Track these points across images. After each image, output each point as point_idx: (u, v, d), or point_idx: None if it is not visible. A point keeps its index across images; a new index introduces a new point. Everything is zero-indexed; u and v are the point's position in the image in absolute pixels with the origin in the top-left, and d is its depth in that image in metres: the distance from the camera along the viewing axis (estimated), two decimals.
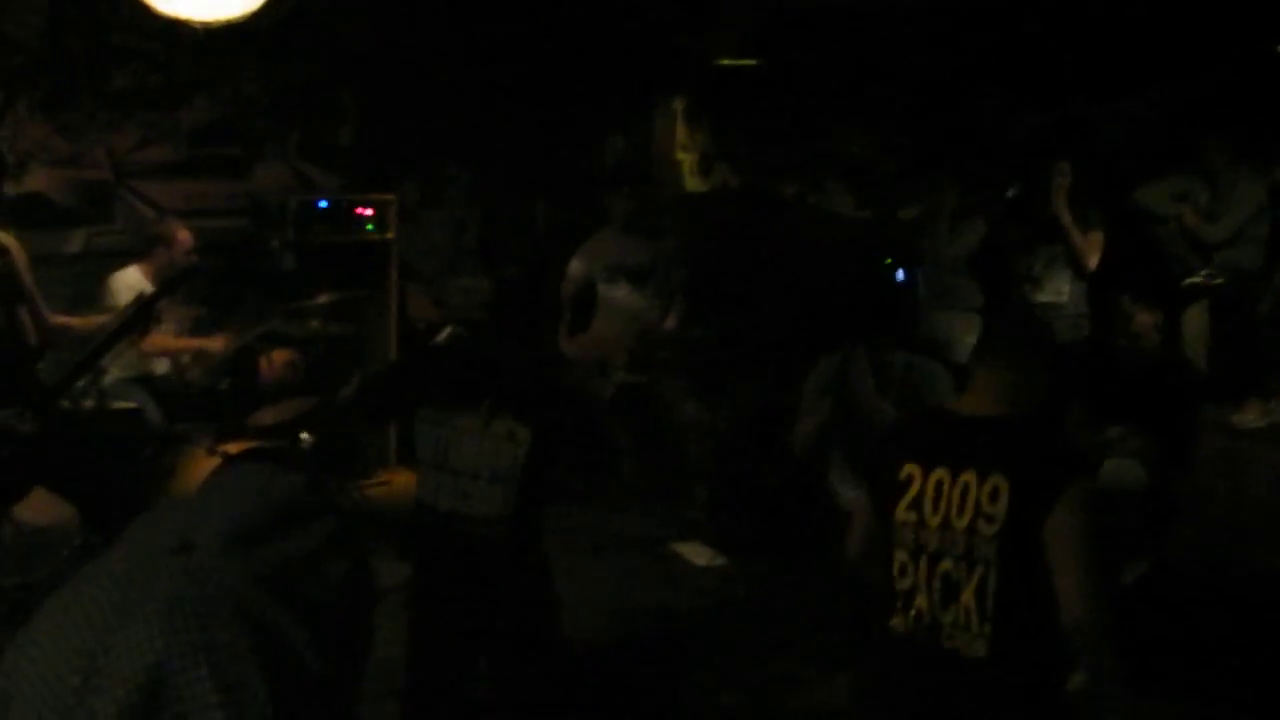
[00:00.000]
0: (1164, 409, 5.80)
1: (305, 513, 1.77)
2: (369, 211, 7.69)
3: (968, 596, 3.07)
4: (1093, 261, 7.22)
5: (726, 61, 8.95)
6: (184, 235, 6.54)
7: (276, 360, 6.54)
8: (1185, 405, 6.08)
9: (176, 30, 6.07)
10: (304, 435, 6.70)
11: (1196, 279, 7.94)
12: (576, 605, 6.29)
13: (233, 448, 5.92)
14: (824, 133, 9.58)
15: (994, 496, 3.06)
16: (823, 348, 5.80)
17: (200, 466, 5.85)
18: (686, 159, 10.03)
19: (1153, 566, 5.79)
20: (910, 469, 3.21)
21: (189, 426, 6.15)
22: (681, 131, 10.00)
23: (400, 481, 8.08)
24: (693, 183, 10.01)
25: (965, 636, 3.08)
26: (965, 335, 7.71)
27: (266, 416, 6.51)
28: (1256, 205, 7.80)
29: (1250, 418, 7.74)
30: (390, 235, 7.81)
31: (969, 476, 3.10)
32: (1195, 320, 7.99)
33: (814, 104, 9.43)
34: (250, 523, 1.66)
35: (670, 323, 7.59)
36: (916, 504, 3.18)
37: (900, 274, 8.40)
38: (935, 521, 3.14)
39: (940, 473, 3.16)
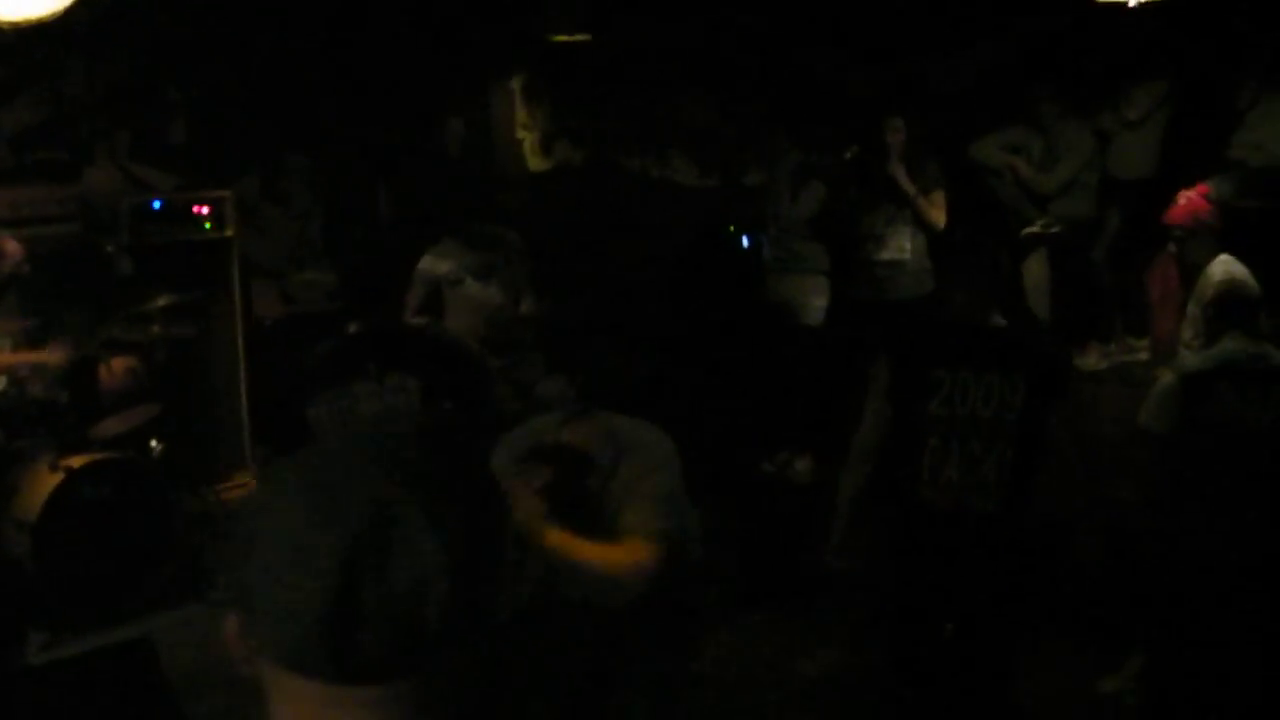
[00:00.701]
0: None
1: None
2: (205, 209, 7.52)
3: (988, 467, 4.14)
4: (940, 218, 7.34)
5: (561, 38, 8.93)
6: (12, 247, 6.31)
7: (117, 368, 6.43)
8: None
9: None
10: (153, 443, 6.60)
11: (1033, 229, 8.16)
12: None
13: (76, 461, 5.80)
14: (663, 104, 9.62)
15: (1014, 390, 4.12)
16: (674, 314, 5.86)
17: (44, 483, 5.72)
18: (527, 138, 10.01)
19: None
20: (939, 373, 4.19)
21: (29, 442, 6.02)
22: (521, 110, 9.97)
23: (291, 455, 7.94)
24: (535, 161, 10.00)
25: (981, 497, 4.17)
26: (811, 298, 7.83)
27: (111, 427, 6.40)
28: (1086, 154, 8.03)
29: (1091, 360, 7.98)
30: (229, 232, 7.64)
31: (992, 376, 4.14)
32: (1035, 269, 8.21)
33: (651, 76, 9.47)
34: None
35: (525, 308, 7.58)
36: (948, 400, 4.18)
37: (745, 240, 8.50)
38: (963, 412, 4.16)
39: (965, 373, 4.16)
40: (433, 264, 7.59)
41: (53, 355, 6.12)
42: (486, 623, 1.31)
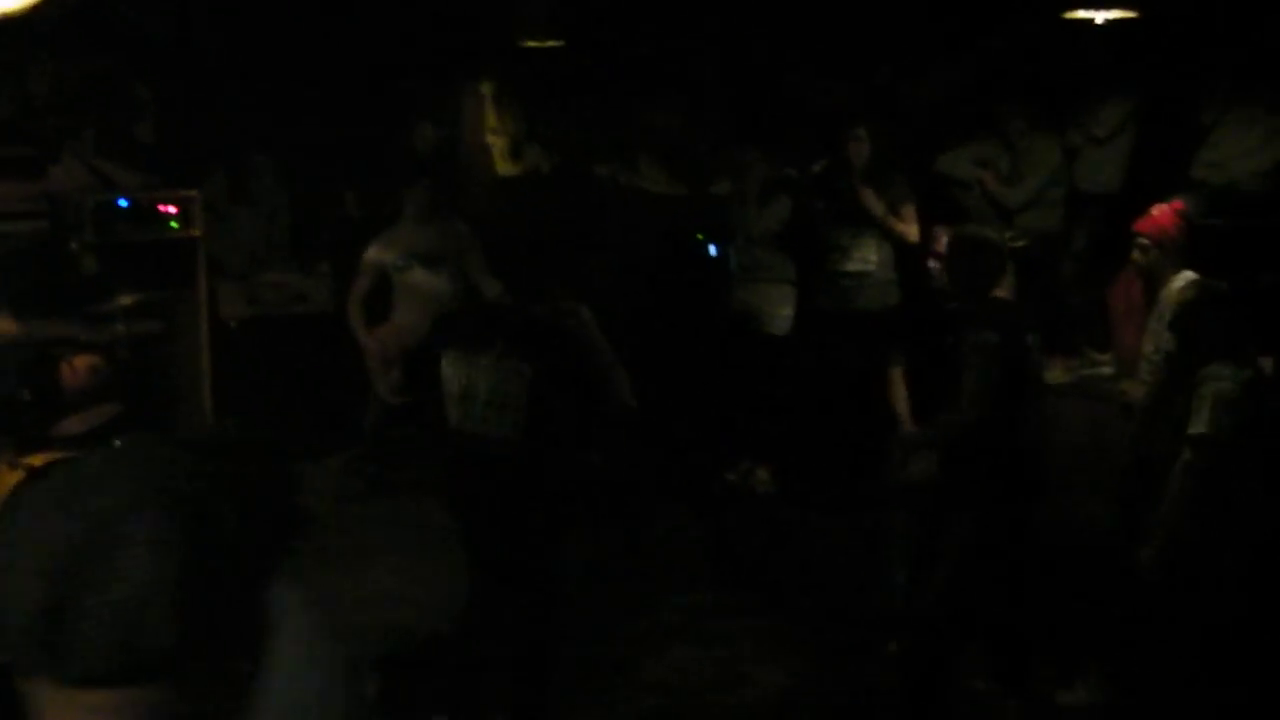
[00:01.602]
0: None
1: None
2: (172, 209, 7.46)
3: None
4: (912, 232, 7.37)
5: (532, 43, 8.92)
6: None
7: (79, 366, 6.36)
8: None
9: None
10: (115, 442, 6.52)
11: None
12: (404, 597, 6.31)
13: (37, 460, 5.73)
14: (634, 111, 9.62)
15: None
16: (640, 322, 5.87)
17: (2, 481, 5.65)
18: (497, 143, 9.98)
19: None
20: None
21: None
22: (491, 115, 9.95)
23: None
24: (505, 166, 9.97)
25: None
26: (777, 306, 7.85)
27: (72, 425, 6.34)
28: (1053, 168, 8.08)
29: (1056, 374, 8.02)
30: (196, 232, 7.59)
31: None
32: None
33: (622, 83, 9.48)
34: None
35: (490, 295, 7.55)
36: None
37: (712, 249, 8.51)
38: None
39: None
40: (380, 251, 7.57)
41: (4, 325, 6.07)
42: (224, 637, 1.30)
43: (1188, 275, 5.37)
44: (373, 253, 7.54)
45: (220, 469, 1.41)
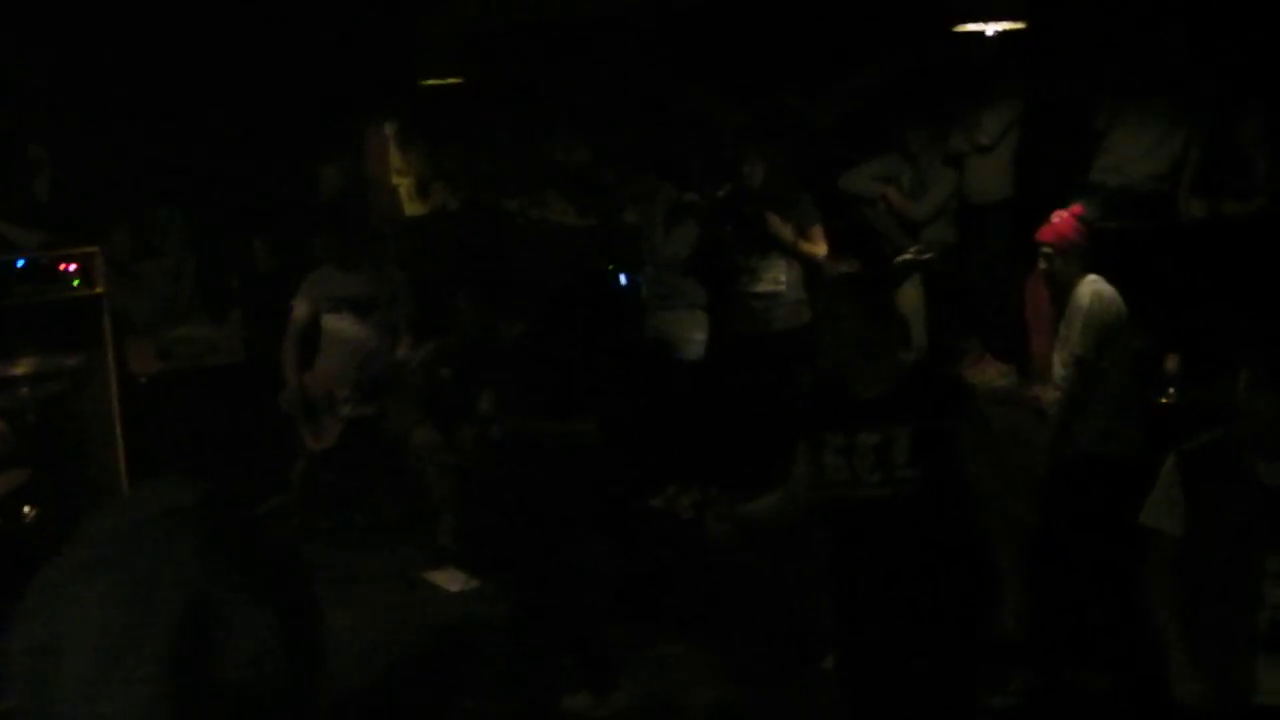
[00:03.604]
0: None
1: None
2: (73, 267, 7.34)
3: None
4: (820, 250, 7.42)
5: (432, 81, 8.90)
6: None
7: None
8: None
9: None
10: (26, 509, 6.42)
11: (907, 255, 8.27)
12: (336, 641, 6.23)
13: None
14: (538, 145, 9.63)
15: None
16: (556, 354, 5.86)
17: None
18: (403, 183, 9.95)
19: None
20: None
21: None
22: (395, 156, 9.92)
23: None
24: (412, 206, 9.94)
25: None
26: (690, 332, 7.87)
27: None
28: (956, 180, 8.18)
29: (989, 376, 8.06)
30: (99, 289, 7.47)
31: None
32: (910, 295, 8.31)
33: (525, 117, 9.48)
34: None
35: (402, 350, 7.51)
36: None
37: (623, 278, 8.52)
38: None
39: None
40: (310, 291, 7.50)
41: None
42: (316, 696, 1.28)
43: (1092, 279, 5.45)
44: (300, 300, 7.48)
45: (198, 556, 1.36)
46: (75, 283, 7.34)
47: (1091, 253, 5.60)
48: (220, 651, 1.20)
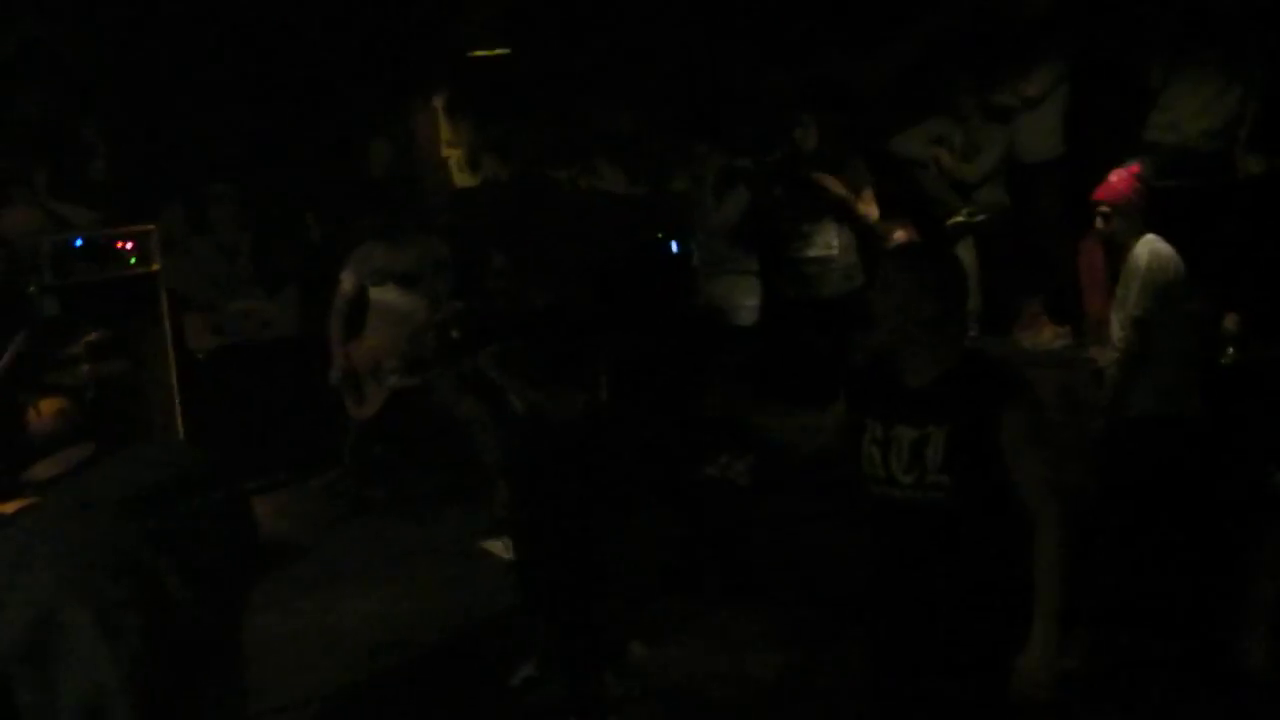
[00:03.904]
0: None
1: (198, 482, 1.86)
2: (129, 244, 7.42)
3: None
4: (872, 213, 7.39)
5: (479, 53, 8.91)
6: None
7: (45, 410, 6.27)
8: None
9: None
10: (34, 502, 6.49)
11: (959, 217, 8.22)
12: (395, 614, 6.30)
13: (8, 507, 5.67)
14: (587, 114, 9.62)
15: None
16: (609, 323, 5.85)
17: None
18: (453, 155, 9.98)
19: None
20: None
21: None
22: (445, 128, 9.94)
23: None
24: (462, 178, 9.97)
25: None
26: (742, 298, 7.86)
27: (44, 470, 6.25)
28: (1008, 142, 8.11)
29: (1045, 338, 8.04)
30: (155, 267, 7.55)
31: None
32: (964, 256, 8.26)
33: (573, 86, 9.47)
34: (148, 487, 1.76)
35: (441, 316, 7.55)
36: None
37: (674, 245, 8.51)
38: None
39: None
40: (358, 265, 7.60)
41: None
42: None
43: (1150, 238, 5.39)
44: (346, 273, 7.58)
45: (156, 517, 1.36)
46: (132, 260, 7.42)
47: (1149, 212, 5.53)
48: (50, 668, 1.16)
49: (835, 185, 7.36)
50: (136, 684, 1.17)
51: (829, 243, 7.45)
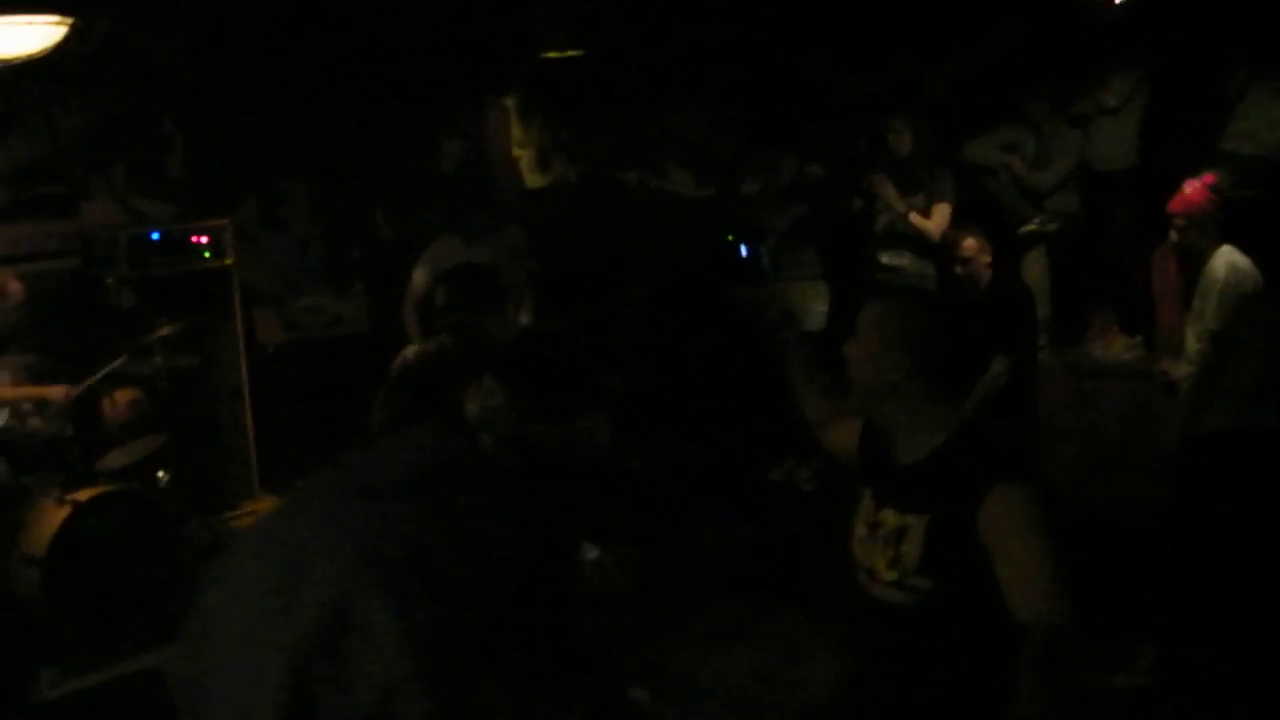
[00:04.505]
0: (1007, 343, 5.93)
1: (469, 470, 1.89)
2: (204, 239, 7.52)
3: None
4: (930, 226, 7.26)
5: (552, 54, 8.93)
6: (15, 286, 6.30)
7: (120, 400, 6.43)
8: (1025, 340, 6.19)
9: None
10: (160, 473, 6.61)
11: (1031, 226, 8.16)
12: None
13: (83, 495, 5.79)
14: (658, 116, 9.62)
15: None
16: (676, 327, 5.84)
17: (51, 517, 5.71)
18: (524, 155, 10.00)
19: None
20: None
21: (35, 478, 6.01)
22: (516, 128, 9.97)
23: (267, 510, 7.95)
24: (532, 179, 9.99)
25: None
26: (811, 302, 7.83)
27: (117, 459, 6.39)
28: (1079, 151, 8.03)
29: (1116, 349, 7.96)
30: (228, 261, 7.65)
31: None
32: (1035, 265, 8.21)
33: (645, 88, 9.47)
34: (423, 474, 1.78)
35: (522, 317, 7.56)
36: None
37: (744, 248, 8.48)
38: None
39: None
40: (432, 261, 7.59)
41: (55, 391, 6.12)
42: None
43: (1226, 250, 5.31)
44: (420, 271, 7.57)
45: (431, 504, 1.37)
46: (206, 254, 7.53)
47: (1225, 223, 5.45)
48: (346, 665, 1.17)
49: (890, 194, 7.30)
50: (430, 676, 1.19)
51: (901, 251, 7.41)
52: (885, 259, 7.49)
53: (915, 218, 7.28)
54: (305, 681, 1.17)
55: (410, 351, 4.86)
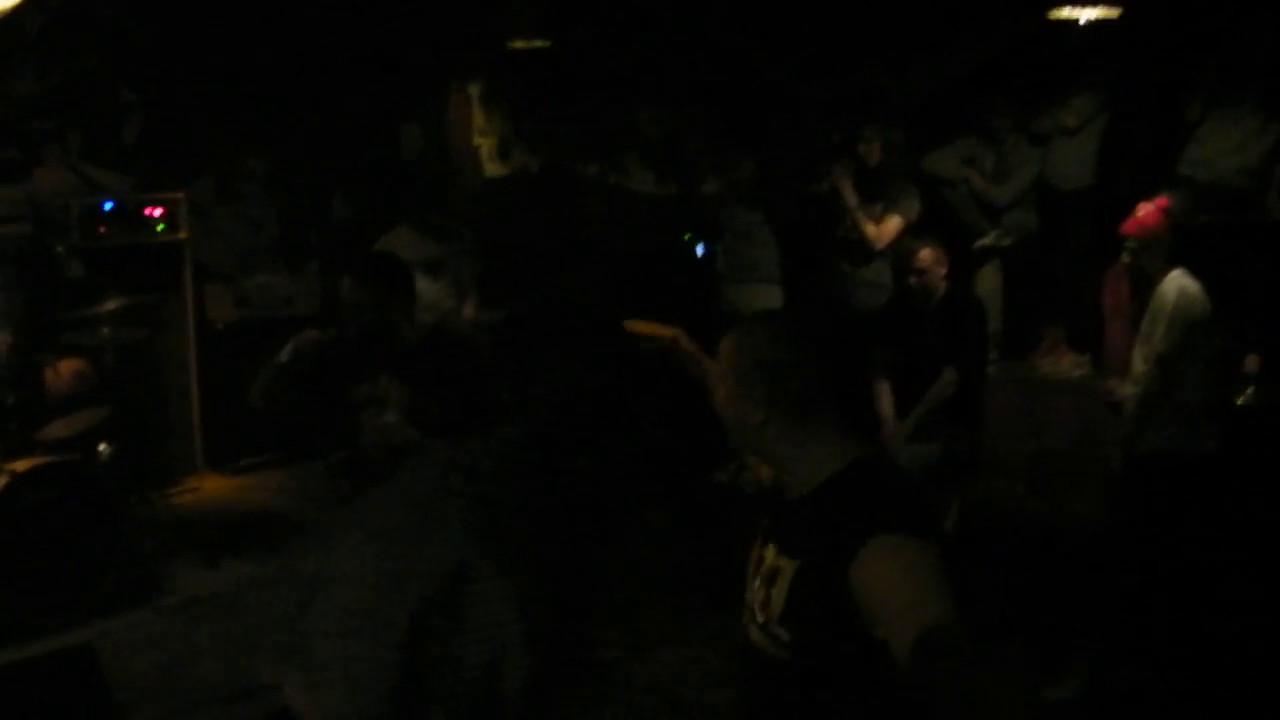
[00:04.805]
0: (957, 355, 5.97)
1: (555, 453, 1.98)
2: (158, 211, 7.45)
3: None
4: (874, 236, 7.13)
5: (519, 44, 8.91)
6: None
7: (64, 371, 6.35)
8: (975, 353, 6.23)
9: None
10: (102, 447, 6.53)
11: (987, 240, 8.21)
12: None
13: (20, 465, 5.71)
14: (621, 111, 9.61)
15: None
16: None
17: None
18: (485, 144, 9.98)
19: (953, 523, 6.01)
20: None
21: None
22: (478, 116, 9.94)
23: (210, 488, 7.89)
24: (492, 167, 9.97)
25: None
26: (764, 305, 7.84)
27: (58, 430, 6.31)
28: (1038, 167, 8.09)
29: (1064, 366, 8.01)
30: (182, 235, 7.59)
31: None
32: (988, 279, 8.27)
33: (609, 83, 9.47)
34: (507, 460, 1.83)
35: (467, 311, 7.52)
36: None
37: (700, 248, 8.50)
38: None
39: None
40: (384, 249, 7.54)
41: None
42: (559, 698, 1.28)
43: (1177, 274, 5.35)
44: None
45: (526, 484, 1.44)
46: (160, 227, 7.46)
47: (1177, 246, 5.50)
48: (460, 639, 1.23)
49: (846, 189, 7.22)
50: (535, 641, 1.27)
51: (857, 258, 7.41)
52: (842, 265, 7.49)
53: (864, 221, 7.16)
54: (424, 638, 1.24)
55: (313, 334, 4.75)
